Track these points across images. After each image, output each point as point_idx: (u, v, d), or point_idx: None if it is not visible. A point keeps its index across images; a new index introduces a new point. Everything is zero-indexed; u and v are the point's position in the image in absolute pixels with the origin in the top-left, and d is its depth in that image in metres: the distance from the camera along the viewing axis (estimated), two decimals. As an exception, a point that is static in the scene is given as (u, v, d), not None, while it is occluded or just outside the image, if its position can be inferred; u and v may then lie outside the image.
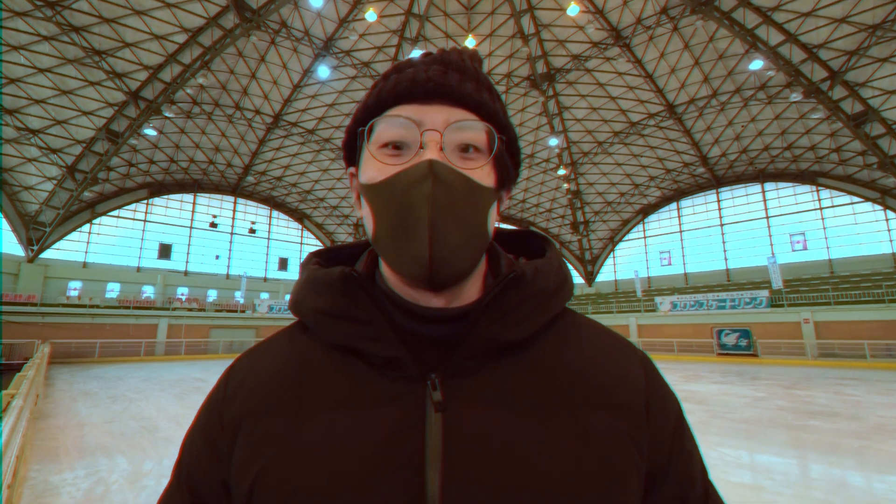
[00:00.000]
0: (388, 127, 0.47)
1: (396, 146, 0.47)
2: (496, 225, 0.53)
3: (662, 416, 0.49)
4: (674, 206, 31.85)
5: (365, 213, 0.50)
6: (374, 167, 0.47)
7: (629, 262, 33.69)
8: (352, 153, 0.54)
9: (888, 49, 17.13)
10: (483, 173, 0.48)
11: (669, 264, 31.70)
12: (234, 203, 32.48)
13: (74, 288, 24.83)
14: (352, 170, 0.55)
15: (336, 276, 0.46)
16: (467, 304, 0.48)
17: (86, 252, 25.76)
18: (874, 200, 23.34)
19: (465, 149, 0.47)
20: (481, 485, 0.39)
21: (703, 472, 0.53)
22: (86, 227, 25.79)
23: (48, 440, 6.30)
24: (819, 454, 5.58)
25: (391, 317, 0.46)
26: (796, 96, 19.03)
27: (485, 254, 0.50)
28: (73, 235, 25.27)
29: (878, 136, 19.53)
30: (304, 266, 0.55)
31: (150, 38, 18.38)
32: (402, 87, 0.48)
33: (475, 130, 0.47)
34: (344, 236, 36.15)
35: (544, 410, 0.44)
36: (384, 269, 0.51)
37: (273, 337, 0.54)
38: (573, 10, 18.84)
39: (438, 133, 0.46)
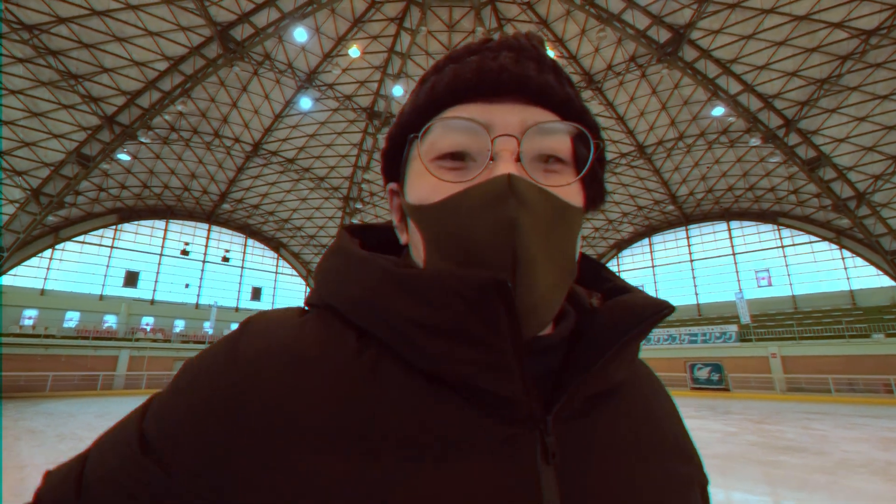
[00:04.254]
0: (446, 132, 0.37)
1: (458, 157, 0.37)
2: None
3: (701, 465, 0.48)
4: (646, 241, 32.84)
5: (413, 241, 0.40)
6: (428, 184, 0.37)
7: (604, 295, 34.17)
8: (393, 165, 0.44)
9: (835, 101, 18.57)
10: (571, 190, 0.38)
11: (643, 298, 32.26)
12: (209, 230, 31.79)
13: (29, 317, 23.46)
14: (392, 186, 0.45)
15: (475, 281, 0.32)
16: (558, 334, 0.39)
17: (45, 279, 24.54)
18: (830, 240, 24.64)
19: (546, 159, 0.38)
20: None
21: None
22: (47, 253, 24.67)
23: (-18, 484, 5.76)
24: (789, 490, 5.60)
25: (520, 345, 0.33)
26: (755, 141, 20.26)
27: None
28: (33, 261, 24.10)
29: (831, 179, 20.85)
30: (352, 249, 0.40)
31: (130, 64, 18.34)
32: (463, 79, 0.37)
33: (561, 135, 0.38)
34: (320, 266, 35.59)
35: (644, 458, 0.38)
36: None
37: (305, 332, 0.37)
38: (548, 54, 19.80)
39: (515, 139, 0.36)
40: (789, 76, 18.36)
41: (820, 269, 25.27)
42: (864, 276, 23.74)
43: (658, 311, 0.38)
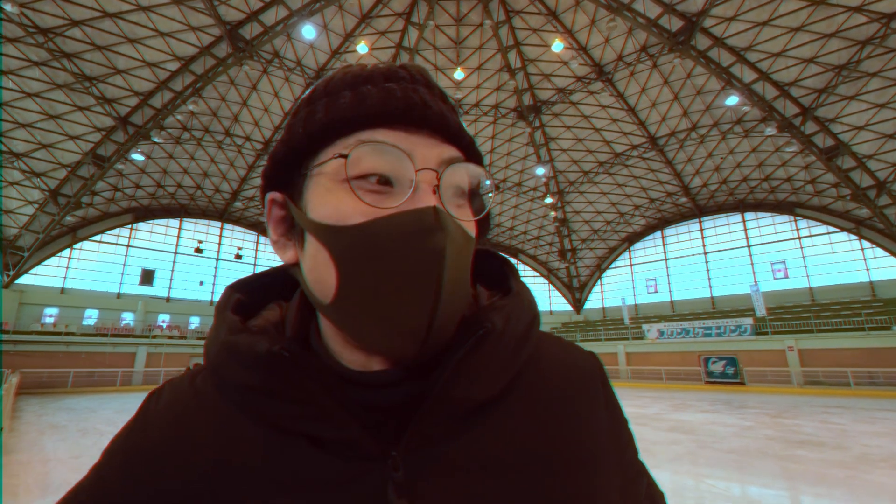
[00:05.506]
0: (373, 153, 0.36)
1: (382, 181, 0.36)
2: None
3: (629, 454, 0.47)
4: (658, 234, 32.44)
5: (312, 261, 0.38)
6: (344, 204, 0.36)
7: (616, 289, 33.94)
8: (284, 172, 0.41)
9: (854, 88, 18.08)
10: (471, 224, 0.41)
11: (656, 292, 31.99)
12: (221, 228, 32.19)
13: (50, 315, 24.05)
14: (275, 196, 0.42)
15: (261, 353, 0.36)
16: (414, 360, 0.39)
17: (64, 277, 25.11)
18: (849, 231, 24.08)
19: (458, 194, 0.40)
20: None
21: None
22: (66, 252, 25.23)
23: (9, 477, 5.95)
24: (807, 485, 5.53)
25: (336, 392, 0.37)
26: (771, 130, 19.83)
27: None
28: (52, 261, 24.67)
29: (850, 168, 20.35)
30: (222, 313, 0.43)
31: (142, 65, 18.58)
32: (393, 105, 0.37)
33: (469, 175, 0.40)
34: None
35: (520, 477, 0.37)
36: (325, 328, 0.41)
37: (178, 399, 0.42)
38: (557, 46, 19.62)
39: (435, 173, 0.37)
40: (806, 63, 17.90)
41: (838, 260, 24.72)
42: (884, 268, 23.17)
43: (473, 335, 0.38)
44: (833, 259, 24.88)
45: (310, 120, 0.39)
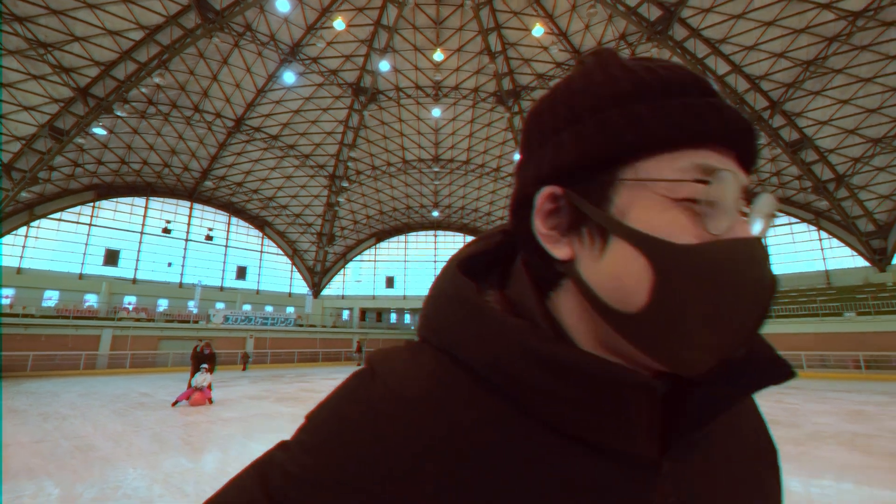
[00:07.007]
0: (722, 182, 0.34)
1: (706, 203, 0.35)
2: None
3: None
4: (631, 222, 33.19)
5: (622, 272, 0.35)
6: (682, 222, 0.34)
7: (589, 275, 34.75)
8: (583, 169, 0.37)
9: (820, 83, 18.75)
10: None
11: (627, 278, 32.92)
12: (191, 208, 31.11)
13: (6, 296, 22.89)
14: (554, 189, 0.38)
15: (628, 382, 0.34)
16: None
17: (21, 257, 23.86)
18: (809, 221, 25.24)
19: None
20: None
21: None
22: (22, 231, 23.94)
23: (-36, 463, 5.70)
24: (761, 460, 5.86)
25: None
26: (741, 123, 20.41)
27: None
28: (7, 239, 23.36)
29: (813, 162, 21.22)
30: (475, 306, 0.39)
31: (102, 33, 17.50)
32: (733, 127, 0.36)
33: (770, 206, 0.38)
34: (307, 245, 35.30)
35: (748, 480, 0.43)
36: (575, 328, 0.39)
37: (434, 381, 0.37)
38: (538, 31, 19.52)
39: (746, 202, 0.37)
40: (777, 57, 18.41)
41: (798, 249, 25.95)
42: (839, 257, 24.47)
43: (780, 378, 0.39)
44: (793, 249, 26.09)
45: (634, 126, 0.36)
